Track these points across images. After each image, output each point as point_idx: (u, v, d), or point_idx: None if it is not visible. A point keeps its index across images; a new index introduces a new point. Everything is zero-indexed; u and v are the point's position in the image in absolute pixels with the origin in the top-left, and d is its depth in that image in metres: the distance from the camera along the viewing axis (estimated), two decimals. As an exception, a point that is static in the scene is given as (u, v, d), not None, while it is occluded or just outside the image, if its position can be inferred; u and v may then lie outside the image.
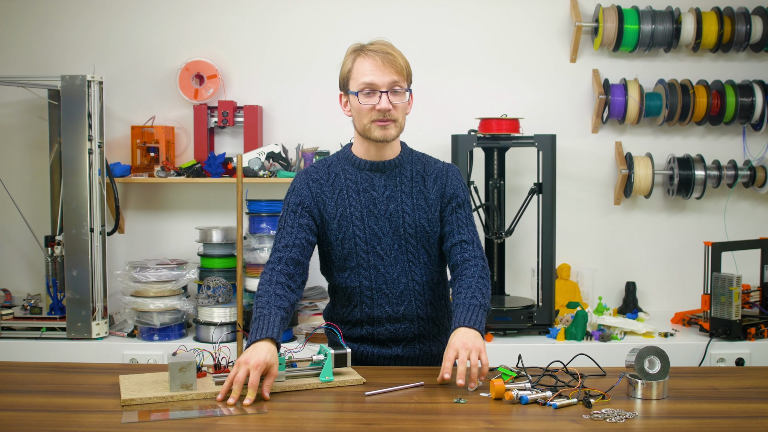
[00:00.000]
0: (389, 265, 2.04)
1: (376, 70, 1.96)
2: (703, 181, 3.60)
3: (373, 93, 1.97)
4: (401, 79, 1.98)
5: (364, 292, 2.05)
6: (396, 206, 2.04)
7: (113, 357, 3.19)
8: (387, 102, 1.96)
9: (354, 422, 1.58)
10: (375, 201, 2.04)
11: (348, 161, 2.09)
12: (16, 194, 3.52)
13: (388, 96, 1.96)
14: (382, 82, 1.96)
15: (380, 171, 2.07)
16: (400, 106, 2.00)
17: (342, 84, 2.05)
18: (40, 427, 1.54)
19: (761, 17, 3.60)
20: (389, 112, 1.97)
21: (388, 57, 1.97)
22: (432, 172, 2.10)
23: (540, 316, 3.33)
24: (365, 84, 1.96)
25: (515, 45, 3.75)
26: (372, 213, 2.03)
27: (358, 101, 1.98)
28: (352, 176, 2.06)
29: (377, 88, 1.96)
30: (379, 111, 1.97)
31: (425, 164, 2.12)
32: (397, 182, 2.06)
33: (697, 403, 1.71)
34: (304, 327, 3.36)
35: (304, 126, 3.71)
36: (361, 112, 2.00)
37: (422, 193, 2.07)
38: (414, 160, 2.11)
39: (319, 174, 2.09)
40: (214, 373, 1.82)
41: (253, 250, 3.31)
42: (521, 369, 1.86)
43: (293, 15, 3.73)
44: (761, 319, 3.33)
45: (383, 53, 1.97)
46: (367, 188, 2.05)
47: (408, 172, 2.08)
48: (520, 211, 3.45)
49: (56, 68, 3.59)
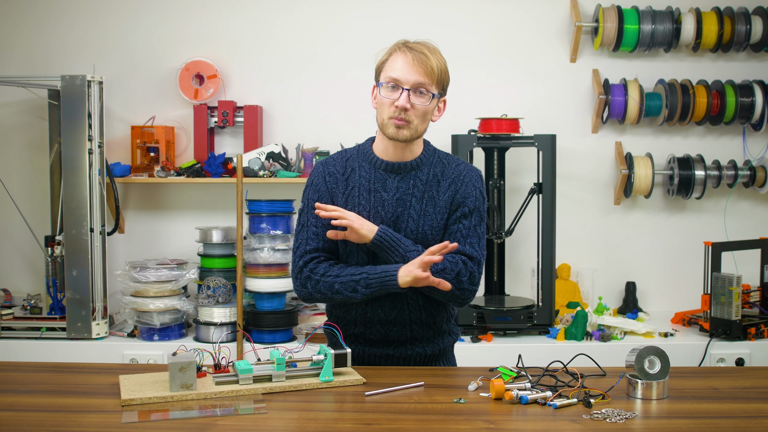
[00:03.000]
0: None
1: (406, 66, 1.94)
2: (703, 181, 3.60)
3: (396, 88, 1.95)
4: (429, 81, 1.95)
5: None
6: (403, 210, 2.01)
7: (113, 357, 3.19)
8: (405, 100, 1.93)
9: (354, 422, 1.58)
10: (384, 203, 2.02)
11: (366, 158, 2.07)
12: (16, 194, 3.52)
13: (409, 94, 1.94)
14: (406, 79, 1.94)
15: (395, 172, 2.04)
16: (420, 108, 1.96)
17: (376, 75, 2.03)
18: (40, 427, 1.54)
19: (761, 17, 3.60)
20: (406, 112, 1.94)
21: (420, 57, 1.94)
22: (449, 176, 2.05)
23: (540, 316, 3.33)
24: (391, 78, 1.95)
25: (515, 45, 3.75)
26: (379, 214, 2.01)
27: (381, 93, 1.97)
28: (366, 174, 2.04)
29: (401, 84, 1.94)
30: (396, 108, 1.95)
31: (445, 167, 2.06)
32: (410, 185, 2.03)
33: (697, 403, 1.71)
34: (304, 327, 3.36)
35: (304, 126, 3.72)
36: (382, 106, 1.98)
37: (433, 198, 2.03)
38: (434, 162, 2.06)
39: (336, 167, 2.07)
40: (214, 373, 1.82)
41: (253, 250, 3.31)
42: (521, 369, 1.85)
43: (293, 15, 3.73)
44: (761, 319, 3.33)
45: (418, 52, 1.95)
46: (379, 189, 2.03)
47: (424, 175, 2.04)
48: (520, 211, 3.45)
49: (56, 68, 3.59)
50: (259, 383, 1.78)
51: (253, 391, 1.75)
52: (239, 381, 1.78)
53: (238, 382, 1.78)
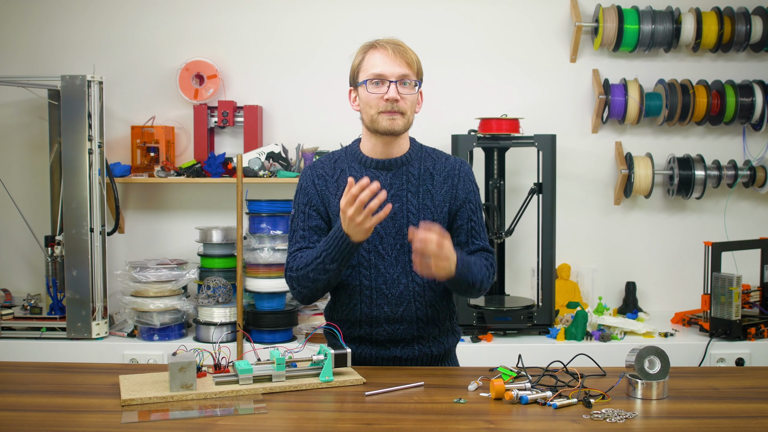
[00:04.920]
0: (390, 265, 2.03)
1: (387, 60, 1.96)
2: (703, 181, 3.60)
3: (381, 83, 1.96)
4: (411, 72, 1.98)
5: (363, 292, 2.04)
6: (401, 205, 2.02)
7: (113, 357, 3.19)
8: (395, 92, 1.95)
9: (354, 422, 1.58)
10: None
11: (354, 158, 2.08)
12: (16, 194, 3.52)
13: (396, 86, 1.96)
14: (391, 72, 1.96)
15: (386, 169, 2.05)
16: (409, 98, 1.99)
17: (352, 78, 2.05)
18: (40, 427, 1.54)
19: (761, 17, 3.60)
20: (397, 104, 1.96)
21: (398, 49, 1.98)
22: (442, 170, 2.07)
23: (540, 316, 3.33)
24: (375, 74, 1.96)
25: (515, 45, 3.75)
26: (376, 212, 2.02)
27: (367, 90, 1.98)
28: (357, 173, 2.05)
29: (386, 78, 1.96)
30: (387, 101, 1.96)
31: (435, 161, 2.09)
32: (404, 180, 2.05)
33: (697, 403, 1.71)
34: (304, 327, 3.36)
35: (304, 126, 3.72)
36: (369, 103, 1.99)
37: (429, 192, 2.05)
38: (423, 157, 2.09)
39: (325, 170, 2.08)
40: (214, 373, 1.82)
41: (253, 250, 3.31)
42: (521, 369, 1.85)
43: (293, 15, 3.73)
44: (761, 319, 3.33)
45: (394, 45, 1.99)
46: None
47: (416, 170, 2.06)
48: (520, 211, 3.45)
49: (56, 68, 3.59)
50: (259, 383, 1.78)
51: (253, 391, 1.75)
52: (239, 381, 1.78)
53: (238, 382, 1.78)
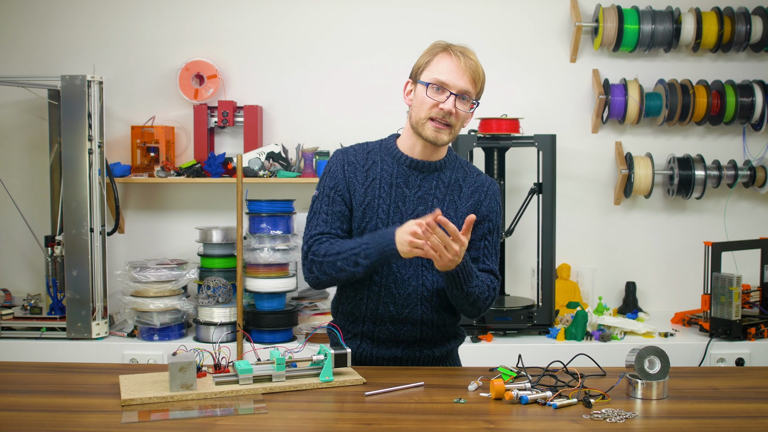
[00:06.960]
0: (402, 266, 2.01)
1: (455, 70, 1.94)
2: (703, 181, 3.60)
3: (442, 91, 1.94)
4: (473, 89, 1.96)
5: (372, 287, 2.02)
6: (425, 209, 2.00)
7: (113, 357, 3.19)
8: (452, 105, 1.93)
9: (354, 422, 1.58)
10: (405, 198, 2.01)
11: (389, 153, 2.06)
12: (16, 194, 3.52)
13: (455, 100, 1.94)
14: (454, 84, 1.93)
15: (419, 170, 2.03)
16: (462, 114, 1.97)
17: (414, 72, 2.01)
18: (40, 427, 1.54)
19: (761, 17, 3.60)
20: (450, 116, 1.95)
21: (469, 63, 1.95)
22: (471, 183, 2.06)
23: (540, 316, 3.33)
24: (438, 81, 1.94)
25: (515, 45, 3.75)
26: (399, 209, 2.00)
27: (425, 93, 1.95)
28: (389, 168, 2.03)
29: (448, 88, 1.94)
30: (440, 110, 1.94)
31: (467, 174, 2.07)
32: (433, 185, 2.03)
33: (697, 403, 1.71)
34: (304, 327, 3.36)
35: (304, 126, 3.72)
36: (423, 105, 1.96)
37: (454, 203, 2.03)
38: (456, 167, 2.07)
39: (357, 157, 2.06)
40: (214, 373, 1.82)
41: (253, 250, 3.30)
42: (521, 369, 1.85)
43: (293, 15, 3.73)
44: (761, 319, 3.33)
45: (466, 57, 1.95)
46: (401, 184, 2.02)
47: (446, 177, 2.05)
48: (520, 211, 3.45)
49: (56, 68, 3.59)
50: (259, 383, 1.78)
51: (253, 391, 1.75)
52: (239, 381, 1.78)
53: (238, 382, 1.78)
